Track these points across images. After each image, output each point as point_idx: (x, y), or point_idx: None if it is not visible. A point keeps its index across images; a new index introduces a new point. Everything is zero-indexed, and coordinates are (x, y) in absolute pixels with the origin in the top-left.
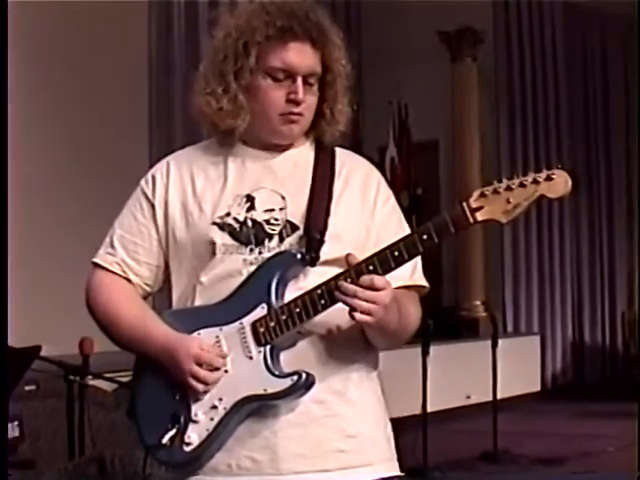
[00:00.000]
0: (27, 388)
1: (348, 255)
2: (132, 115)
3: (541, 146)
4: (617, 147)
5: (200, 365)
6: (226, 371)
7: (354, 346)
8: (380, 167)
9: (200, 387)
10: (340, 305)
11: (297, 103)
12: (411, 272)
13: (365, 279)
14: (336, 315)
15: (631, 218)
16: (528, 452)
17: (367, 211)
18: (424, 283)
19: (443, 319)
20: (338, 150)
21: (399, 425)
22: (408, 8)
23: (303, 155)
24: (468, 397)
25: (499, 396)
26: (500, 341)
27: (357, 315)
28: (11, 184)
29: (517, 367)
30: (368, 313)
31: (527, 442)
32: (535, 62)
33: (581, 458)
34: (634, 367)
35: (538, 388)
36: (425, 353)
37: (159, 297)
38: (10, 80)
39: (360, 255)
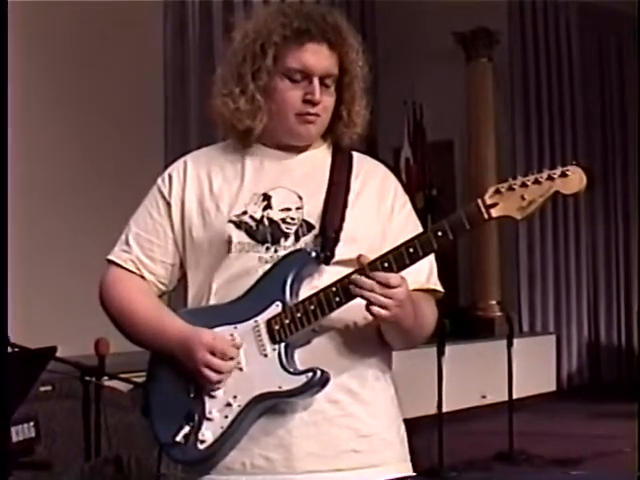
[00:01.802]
0: (43, 389)
1: (359, 256)
2: (147, 116)
3: (557, 146)
4: (634, 147)
5: (214, 354)
6: (241, 369)
7: (369, 345)
8: (395, 168)
9: (214, 376)
10: (355, 303)
11: (313, 104)
12: (427, 276)
13: (380, 276)
14: (351, 313)
15: None
16: (544, 452)
17: (384, 216)
18: (439, 288)
19: (459, 319)
20: (355, 154)
21: (414, 425)
22: (423, 8)
23: (321, 157)
24: (484, 397)
25: (515, 396)
26: (516, 341)
27: (374, 309)
28: (30, 181)
29: (533, 367)
30: (385, 308)
31: (543, 442)
32: (550, 62)
33: (597, 458)
34: None
35: (554, 388)
36: (440, 353)
37: (175, 297)
38: (22, 84)
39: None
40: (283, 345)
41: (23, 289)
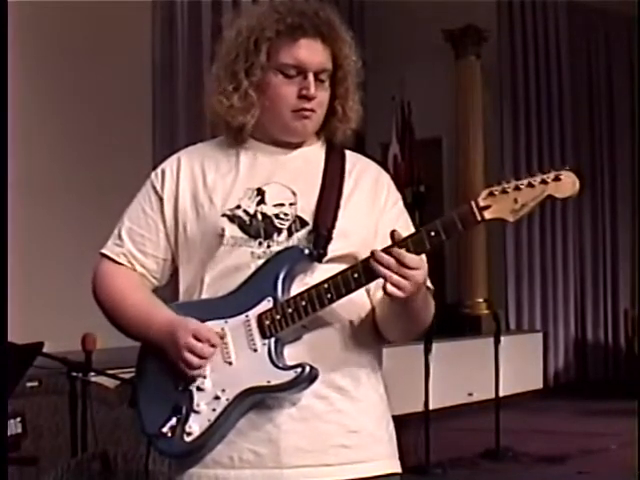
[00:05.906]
0: (30, 384)
1: (393, 231)
2: (135, 115)
3: (544, 144)
4: (621, 146)
5: (198, 340)
6: (230, 363)
7: (359, 342)
8: (383, 164)
9: (195, 360)
10: (346, 299)
11: (309, 99)
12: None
13: (402, 254)
14: (342, 310)
15: (634, 216)
16: (530, 450)
17: (376, 211)
18: (429, 285)
19: (446, 316)
20: (348, 152)
21: (401, 422)
22: (413, 6)
23: (314, 153)
24: (470, 395)
25: (501, 394)
26: (503, 338)
27: (388, 287)
28: (15, 181)
29: (520, 365)
30: (400, 288)
31: (529, 440)
32: (539, 60)
33: (583, 456)
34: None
35: (540, 386)
36: (427, 350)
37: (168, 292)
38: (13, 81)
39: (366, 254)
40: (273, 340)
41: (10, 285)
